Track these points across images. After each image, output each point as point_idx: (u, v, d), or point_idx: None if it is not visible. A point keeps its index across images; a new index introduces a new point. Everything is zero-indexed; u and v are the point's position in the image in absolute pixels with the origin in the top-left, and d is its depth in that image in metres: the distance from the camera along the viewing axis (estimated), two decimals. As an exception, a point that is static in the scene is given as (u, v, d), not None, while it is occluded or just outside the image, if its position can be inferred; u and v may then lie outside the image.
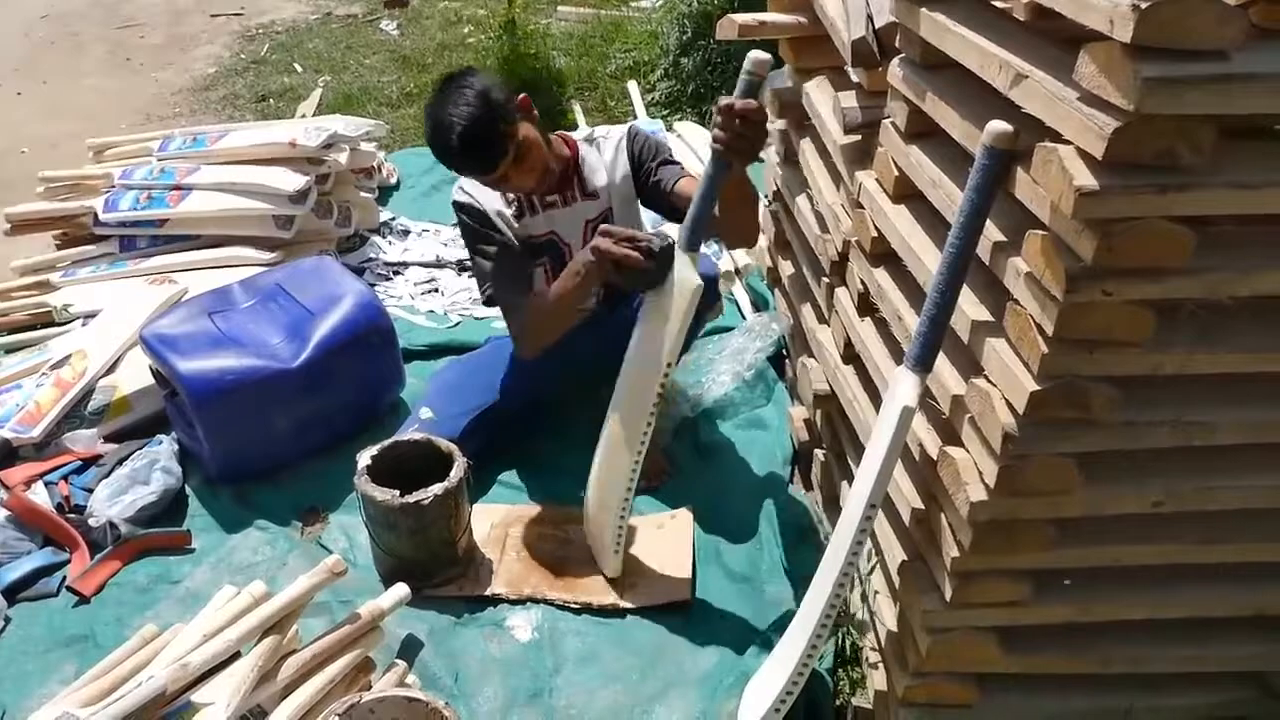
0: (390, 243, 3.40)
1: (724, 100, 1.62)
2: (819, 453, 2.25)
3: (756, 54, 1.65)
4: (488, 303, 2.17)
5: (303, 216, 3.08)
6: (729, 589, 2.05)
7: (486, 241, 2.14)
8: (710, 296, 2.26)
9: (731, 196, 1.89)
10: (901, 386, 1.41)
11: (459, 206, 2.17)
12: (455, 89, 1.97)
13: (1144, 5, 0.97)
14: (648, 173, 2.16)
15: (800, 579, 2.03)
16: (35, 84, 5.26)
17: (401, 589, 1.89)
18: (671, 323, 1.78)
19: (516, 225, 2.17)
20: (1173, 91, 1.00)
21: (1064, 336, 1.21)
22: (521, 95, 2.03)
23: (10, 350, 2.77)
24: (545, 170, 2.07)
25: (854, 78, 2.02)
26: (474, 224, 2.15)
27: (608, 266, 1.82)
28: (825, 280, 2.14)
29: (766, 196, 2.92)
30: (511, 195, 2.16)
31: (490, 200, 2.16)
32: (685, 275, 1.77)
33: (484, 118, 1.93)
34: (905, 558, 1.64)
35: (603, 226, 1.90)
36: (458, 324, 2.97)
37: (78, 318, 2.84)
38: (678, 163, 2.19)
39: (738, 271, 3.02)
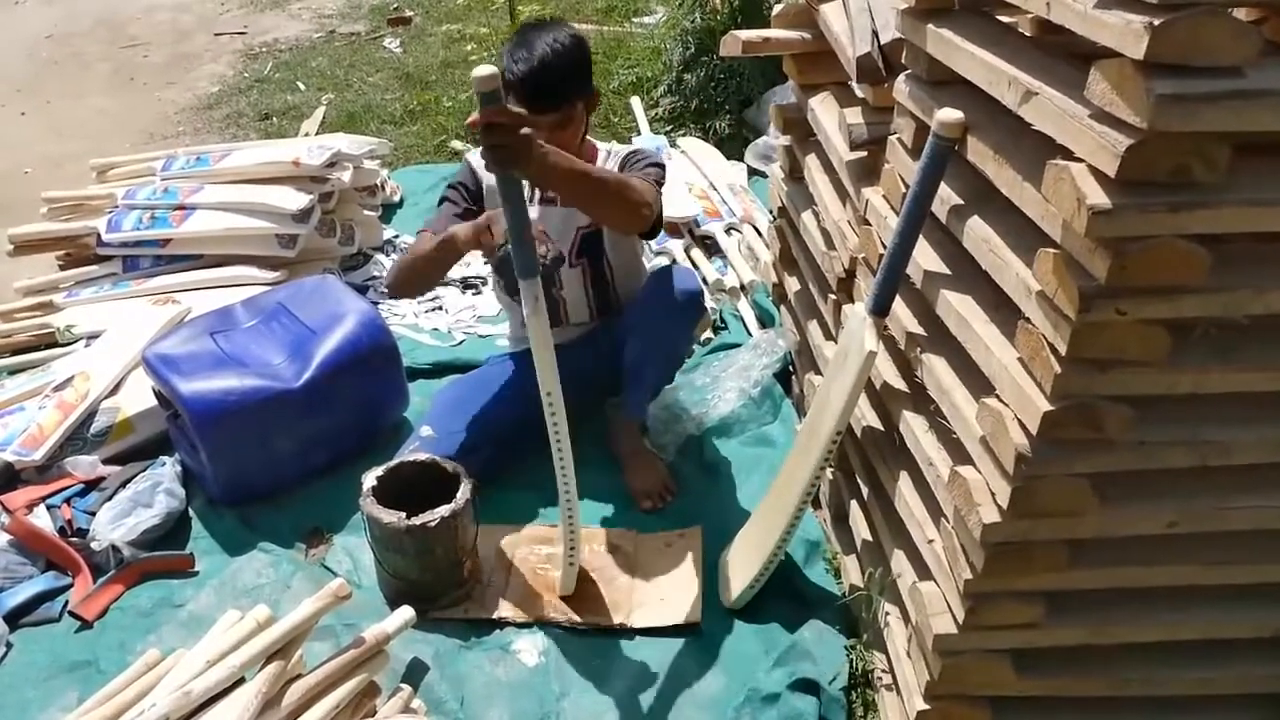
0: (393, 261, 3.39)
1: (468, 121, 1.57)
2: (827, 470, 2.23)
3: (480, 70, 1.48)
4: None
5: (306, 235, 3.07)
6: (738, 607, 2.02)
7: (454, 195, 2.22)
8: (695, 310, 2.29)
9: (573, 200, 1.97)
10: (868, 333, 1.64)
11: (465, 165, 2.25)
12: (559, 25, 2.05)
13: (1157, 22, 0.96)
14: None
15: (810, 598, 2.02)
16: (39, 104, 5.27)
17: (407, 612, 1.87)
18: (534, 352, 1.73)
19: None
20: (1186, 109, 0.99)
21: (1077, 356, 1.20)
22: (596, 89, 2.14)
23: (13, 372, 2.75)
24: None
25: (859, 94, 2.01)
26: (459, 181, 2.23)
27: (491, 250, 1.95)
28: (832, 297, 2.13)
29: (771, 212, 2.91)
30: None
31: (491, 177, 2.17)
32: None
33: (573, 58, 2.01)
34: (917, 579, 1.62)
35: (489, 218, 1.96)
36: (461, 342, 2.95)
37: (81, 339, 2.83)
38: (642, 164, 2.14)
39: (743, 288, 3.01)
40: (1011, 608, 1.45)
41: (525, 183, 2.15)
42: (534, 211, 2.22)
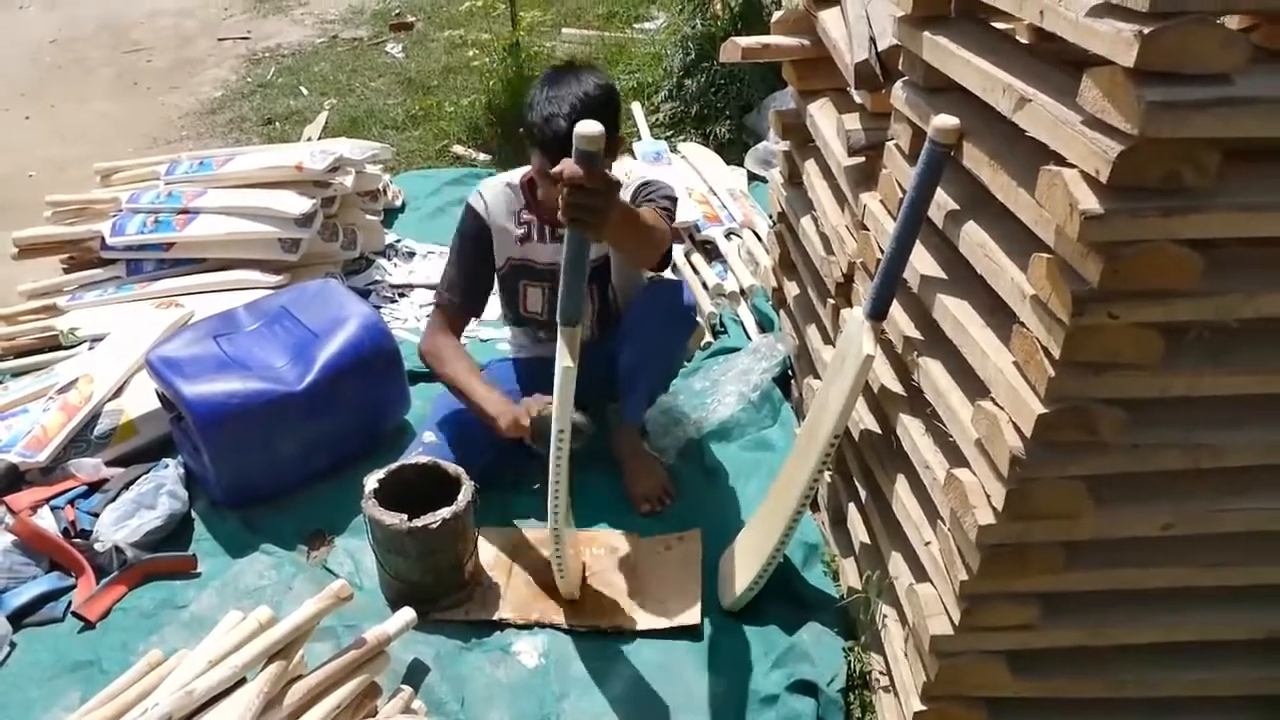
0: (395, 265, 3.41)
1: (554, 170, 1.51)
2: (825, 473, 2.24)
3: (587, 126, 1.42)
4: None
5: (308, 239, 3.08)
6: (737, 610, 2.03)
7: (464, 249, 2.23)
8: (689, 323, 2.34)
9: (624, 255, 1.98)
10: (866, 337, 1.64)
11: (468, 207, 2.22)
12: (589, 72, 2.01)
13: (1147, 30, 0.98)
14: None
15: (808, 600, 2.03)
16: (43, 108, 5.29)
17: (408, 613, 1.88)
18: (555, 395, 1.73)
19: (519, 247, 2.19)
20: (1177, 116, 1.01)
21: (1071, 359, 1.21)
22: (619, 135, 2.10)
23: (17, 374, 2.77)
24: None
25: (857, 100, 2.02)
26: (468, 233, 2.22)
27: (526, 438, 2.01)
28: (831, 301, 2.14)
29: (771, 217, 2.93)
30: (525, 216, 2.18)
31: (500, 217, 2.18)
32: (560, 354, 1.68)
33: (605, 108, 1.96)
34: (914, 581, 1.63)
35: (524, 402, 2.02)
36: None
37: (84, 341, 2.85)
38: (657, 198, 2.13)
39: (743, 292, 3.03)
40: (1007, 609, 1.47)
41: (535, 220, 2.18)
42: (547, 249, 2.22)
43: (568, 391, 1.70)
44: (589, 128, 1.42)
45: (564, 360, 1.67)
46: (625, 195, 2.17)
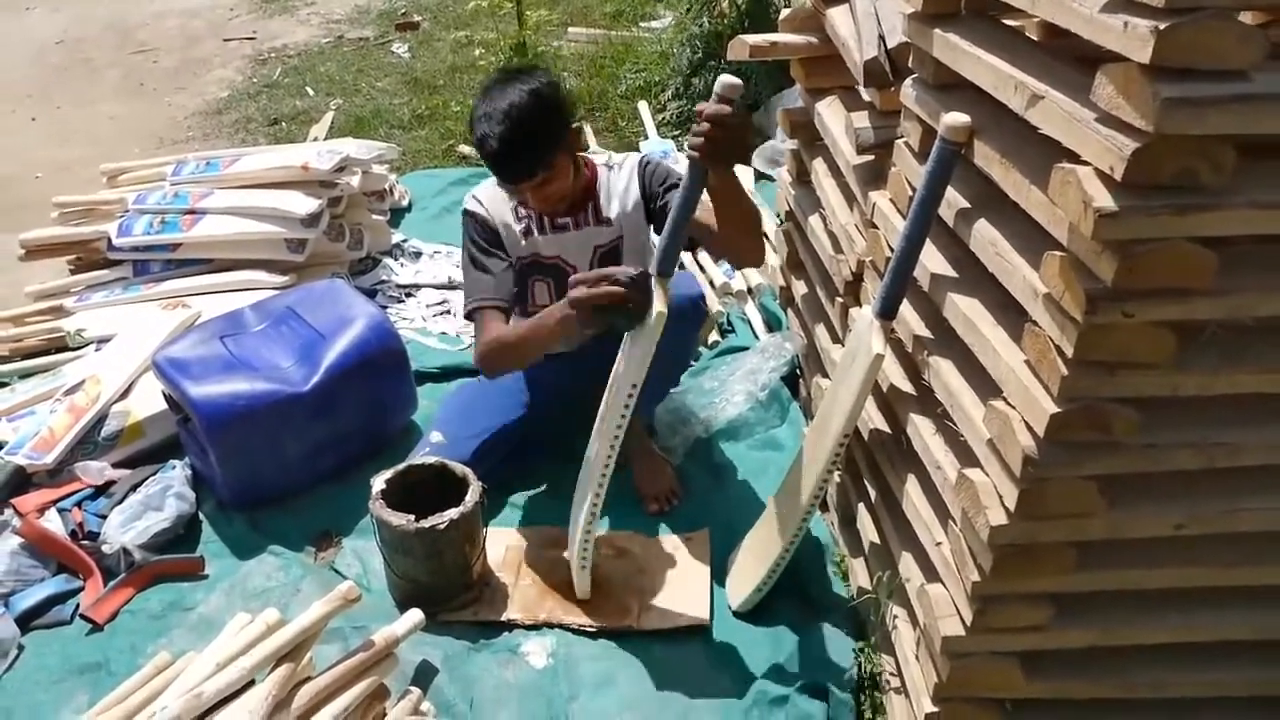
0: (402, 265, 3.40)
1: (700, 106, 1.61)
2: (834, 473, 2.23)
3: (726, 78, 1.59)
4: (468, 317, 2.12)
5: (315, 240, 3.08)
6: (746, 610, 2.02)
7: (485, 255, 2.12)
8: (698, 315, 2.24)
9: (729, 213, 1.89)
10: (876, 336, 1.63)
11: (469, 215, 2.16)
12: (522, 78, 1.96)
13: (1163, 26, 0.97)
14: (656, 198, 2.13)
15: (818, 600, 2.02)
16: (49, 109, 5.30)
17: (416, 615, 1.87)
18: (636, 348, 1.74)
19: (523, 243, 2.17)
20: (1193, 112, 0.99)
21: (1084, 358, 1.20)
22: (575, 124, 2.06)
23: (24, 376, 2.77)
24: (561, 199, 2.08)
25: (866, 98, 2.01)
26: (479, 237, 2.14)
27: (589, 312, 1.73)
28: (839, 300, 2.13)
29: (779, 215, 2.92)
30: (522, 211, 2.16)
31: (501, 214, 2.16)
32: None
33: (534, 117, 1.92)
34: (925, 581, 1.62)
35: (574, 277, 1.79)
36: (469, 346, 2.96)
37: (91, 343, 2.85)
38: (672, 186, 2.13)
39: (750, 291, 3.01)
40: (1019, 610, 1.45)
41: (533, 214, 2.16)
42: (549, 241, 2.18)
43: (652, 340, 1.72)
44: (728, 78, 1.58)
45: (659, 305, 1.71)
46: (624, 175, 2.17)
